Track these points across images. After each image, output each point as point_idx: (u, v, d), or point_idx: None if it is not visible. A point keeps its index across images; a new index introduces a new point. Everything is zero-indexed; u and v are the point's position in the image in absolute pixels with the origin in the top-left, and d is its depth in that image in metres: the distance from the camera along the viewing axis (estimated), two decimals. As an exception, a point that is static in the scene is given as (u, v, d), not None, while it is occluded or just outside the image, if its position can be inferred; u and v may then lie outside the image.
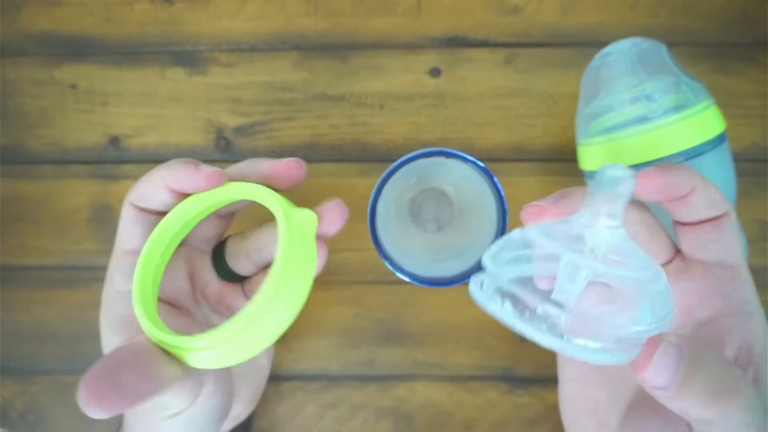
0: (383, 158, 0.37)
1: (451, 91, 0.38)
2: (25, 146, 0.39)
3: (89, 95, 0.39)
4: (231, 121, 0.38)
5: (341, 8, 0.38)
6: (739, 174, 0.31)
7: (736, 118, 0.36)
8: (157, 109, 0.38)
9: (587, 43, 0.37)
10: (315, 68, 0.38)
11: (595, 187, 0.19)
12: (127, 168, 0.38)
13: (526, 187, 0.37)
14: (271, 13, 0.38)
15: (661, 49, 0.31)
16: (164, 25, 0.39)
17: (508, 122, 0.37)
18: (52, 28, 0.39)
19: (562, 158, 0.37)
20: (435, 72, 0.38)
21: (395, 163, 0.29)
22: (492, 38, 0.38)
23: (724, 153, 0.30)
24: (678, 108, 0.29)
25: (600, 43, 0.32)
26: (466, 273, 0.29)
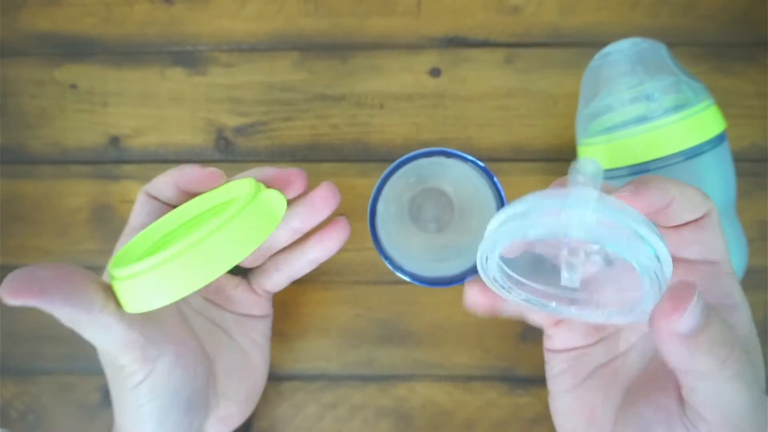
0: (383, 158, 0.37)
1: (451, 91, 0.38)
2: (25, 146, 0.39)
3: (89, 95, 0.39)
4: (231, 121, 0.38)
5: (341, 8, 0.38)
6: (739, 174, 0.31)
7: (736, 118, 0.36)
8: (157, 110, 0.38)
9: (587, 43, 0.37)
10: (315, 68, 0.38)
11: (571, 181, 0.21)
12: (127, 168, 0.38)
13: (526, 187, 0.37)
14: (271, 13, 0.38)
15: (661, 49, 0.31)
16: (164, 25, 0.39)
17: (508, 122, 0.37)
18: (52, 28, 0.39)
19: (562, 158, 0.37)
20: (435, 72, 0.38)
21: (395, 162, 0.29)
22: (492, 38, 0.38)
23: (724, 153, 0.30)
24: (678, 108, 0.29)
25: (600, 43, 0.32)
26: (466, 273, 0.29)
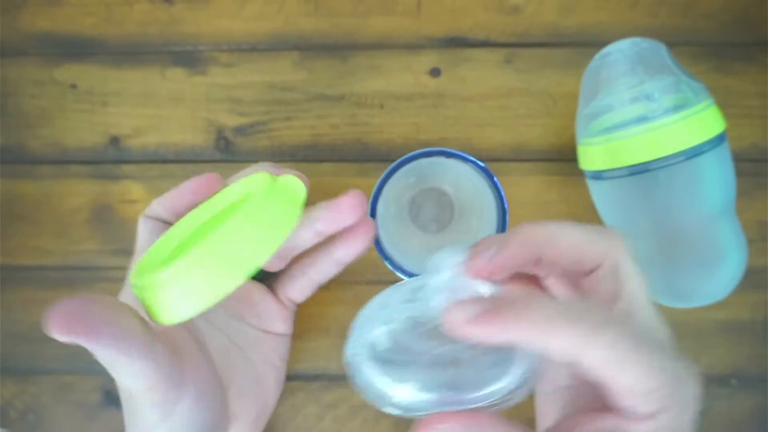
0: (383, 158, 0.37)
1: (451, 91, 0.38)
2: (25, 146, 0.39)
3: (89, 95, 0.39)
4: (231, 121, 0.38)
5: (341, 8, 0.38)
6: (739, 174, 0.31)
7: (736, 118, 0.36)
8: (157, 109, 0.38)
9: (587, 43, 0.37)
10: (315, 68, 0.38)
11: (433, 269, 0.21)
12: (127, 168, 0.38)
13: (526, 187, 0.37)
14: (271, 13, 0.38)
15: (661, 49, 0.31)
16: (164, 25, 0.39)
17: (508, 122, 0.37)
18: (52, 28, 0.39)
19: (562, 158, 0.37)
20: (435, 72, 0.38)
21: (395, 163, 0.29)
22: (492, 38, 0.38)
23: (723, 153, 0.30)
24: (678, 108, 0.29)
25: (600, 43, 0.32)
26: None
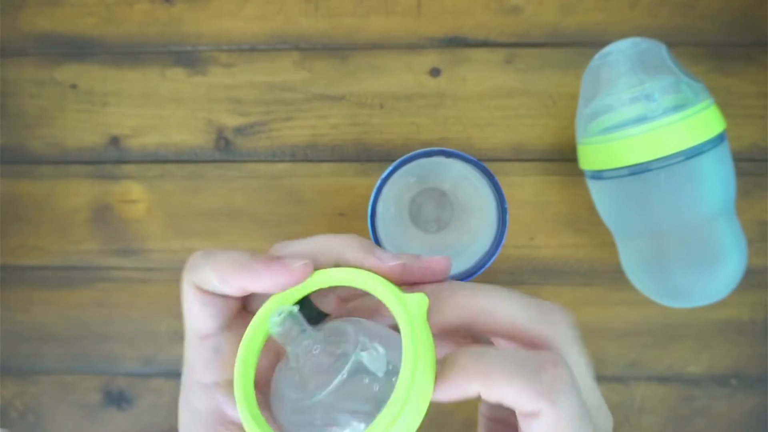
0: (383, 158, 0.37)
1: (451, 91, 0.38)
2: (25, 146, 0.39)
3: (89, 95, 0.39)
4: (231, 121, 0.38)
5: (341, 8, 0.38)
6: (739, 174, 0.31)
7: (736, 118, 0.36)
8: (157, 109, 0.38)
9: (587, 43, 0.37)
10: (315, 68, 0.38)
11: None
12: (127, 168, 0.38)
13: (526, 186, 0.37)
14: (271, 13, 0.38)
15: (661, 49, 0.31)
16: (164, 25, 0.39)
17: (508, 122, 0.37)
18: (52, 28, 0.39)
19: (562, 158, 0.37)
20: (435, 72, 0.38)
21: (395, 163, 0.29)
22: (492, 38, 0.38)
23: (723, 153, 0.30)
24: (678, 108, 0.29)
25: (600, 43, 0.32)
26: (466, 273, 0.29)
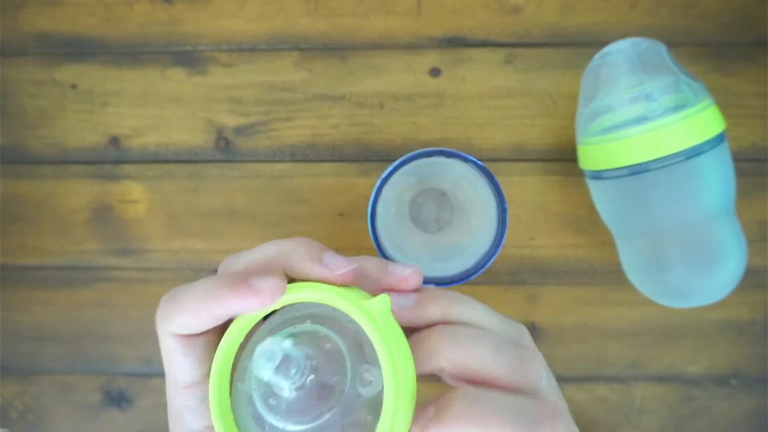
0: (383, 158, 0.37)
1: (451, 91, 0.38)
2: (25, 146, 0.39)
3: (89, 95, 0.39)
4: (231, 121, 0.38)
5: (341, 8, 0.38)
6: (739, 174, 0.31)
7: (736, 118, 0.36)
8: (157, 109, 0.38)
9: (587, 43, 0.37)
10: (315, 68, 0.38)
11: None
12: (127, 168, 0.38)
13: (526, 186, 0.37)
14: (271, 13, 0.38)
15: (661, 49, 0.31)
16: (164, 25, 0.39)
17: (508, 122, 0.37)
18: (52, 28, 0.39)
19: (562, 158, 0.37)
20: (435, 72, 0.38)
21: (395, 163, 0.29)
22: (492, 38, 0.38)
23: (723, 153, 0.30)
24: (678, 108, 0.29)
25: (600, 43, 0.32)
26: (466, 273, 0.29)
